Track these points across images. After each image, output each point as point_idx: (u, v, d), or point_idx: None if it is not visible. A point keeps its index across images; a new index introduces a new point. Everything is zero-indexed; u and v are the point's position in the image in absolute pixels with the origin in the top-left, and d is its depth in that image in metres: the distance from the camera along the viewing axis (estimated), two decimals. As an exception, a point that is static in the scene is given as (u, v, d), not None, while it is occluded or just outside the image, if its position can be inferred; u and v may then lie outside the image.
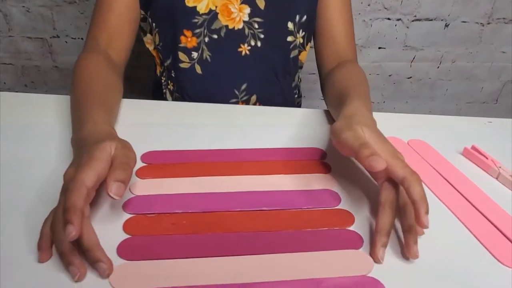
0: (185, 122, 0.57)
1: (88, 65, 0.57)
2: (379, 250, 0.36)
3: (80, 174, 0.34)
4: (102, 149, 0.37)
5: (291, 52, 0.71)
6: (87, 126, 0.43)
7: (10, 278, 0.33)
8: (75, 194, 0.33)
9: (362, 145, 0.39)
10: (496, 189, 0.48)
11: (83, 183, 0.34)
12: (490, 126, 0.62)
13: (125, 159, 0.38)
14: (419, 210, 0.36)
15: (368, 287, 0.33)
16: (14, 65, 1.25)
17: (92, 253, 0.33)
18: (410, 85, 1.35)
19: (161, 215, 0.40)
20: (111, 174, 0.36)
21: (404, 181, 0.37)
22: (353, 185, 0.46)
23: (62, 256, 0.34)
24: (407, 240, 0.37)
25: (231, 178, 0.46)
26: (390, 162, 0.38)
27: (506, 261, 0.37)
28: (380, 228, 0.37)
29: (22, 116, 0.56)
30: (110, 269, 0.33)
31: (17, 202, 0.40)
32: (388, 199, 0.38)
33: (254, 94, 0.71)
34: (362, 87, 0.56)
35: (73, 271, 0.33)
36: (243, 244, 0.37)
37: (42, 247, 0.35)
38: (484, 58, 1.30)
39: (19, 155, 0.48)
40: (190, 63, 0.67)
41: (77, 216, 0.32)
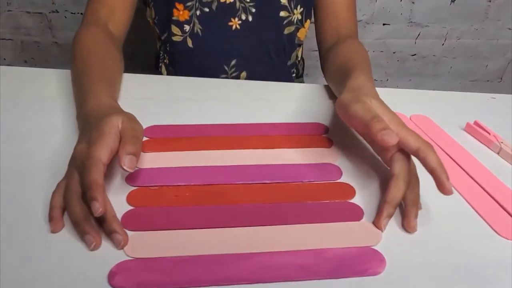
0: (186, 96, 0.57)
1: (87, 39, 0.56)
2: (383, 220, 0.36)
3: (95, 152, 0.35)
4: (110, 123, 0.38)
5: (285, 28, 0.69)
6: (90, 101, 0.44)
7: (23, 250, 0.33)
8: (94, 172, 0.34)
9: (373, 117, 0.38)
10: (498, 164, 0.48)
11: (100, 160, 0.35)
12: (493, 102, 0.62)
13: (133, 131, 0.38)
14: (441, 177, 0.36)
15: (368, 258, 0.34)
16: (14, 41, 1.23)
17: (109, 224, 0.34)
18: (414, 63, 1.33)
19: (163, 187, 0.40)
20: (122, 148, 0.36)
21: (419, 151, 0.37)
22: (354, 159, 0.46)
23: (77, 225, 0.34)
24: (408, 214, 0.37)
25: (233, 152, 0.46)
26: (402, 133, 0.37)
27: (506, 234, 0.38)
28: (390, 199, 0.37)
29: (24, 90, 0.56)
30: (125, 240, 0.34)
31: (21, 173, 0.41)
32: (402, 170, 0.37)
33: (244, 71, 0.70)
34: (365, 63, 0.56)
35: (89, 240, 0.33)
36: (245, 216, 0.38)
37: (54, 218, 0.35)
38: (489, 35, 1.27)
39: (22, 128, 0.48)
40: (182, 37, 0.67)
41: (100, 192, 0.33)
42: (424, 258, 0.35)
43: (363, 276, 0.33)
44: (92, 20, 0.60)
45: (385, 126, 0.37)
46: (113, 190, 0.39)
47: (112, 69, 0.53)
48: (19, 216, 0.36)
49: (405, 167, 0.38)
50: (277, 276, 0.32)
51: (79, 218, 0.34)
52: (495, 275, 0.34)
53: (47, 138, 0.46)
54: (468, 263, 0.34)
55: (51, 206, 0.36)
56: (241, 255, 0.34)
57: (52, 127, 0.48)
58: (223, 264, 0.33)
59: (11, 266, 0.32)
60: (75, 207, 0.35)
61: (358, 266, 0.33)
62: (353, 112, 0.40)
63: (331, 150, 0.48)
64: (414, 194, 0.38)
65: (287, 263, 0.33)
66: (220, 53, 0.68)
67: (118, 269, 0.31)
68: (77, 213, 0.34)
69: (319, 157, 0.46)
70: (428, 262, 0.34)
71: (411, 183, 0.38)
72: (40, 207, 0.37)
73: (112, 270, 0.31)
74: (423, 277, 0.33)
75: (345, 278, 0.32)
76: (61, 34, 1.22)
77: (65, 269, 0.32)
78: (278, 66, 0.73)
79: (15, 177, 0.40)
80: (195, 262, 0.33)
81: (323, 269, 0.33)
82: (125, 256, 0.33)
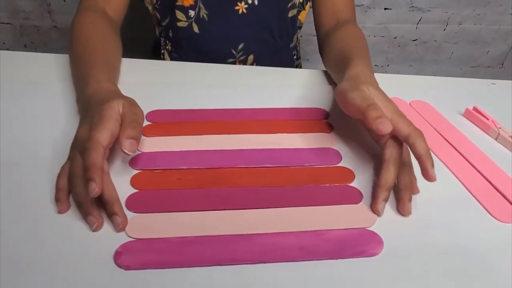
0: (187, 82, 0.57)
1: (85, 24, 0.56)
2: (379, 204, 0.38)
3: (96, 134, 0.36)
4: (111, 108, 0.38)
5: (289, 11, 0.69)
6: (90, 86, 0.44)
7: (31, 231, 0.34)
8: (93, 153, 0.35)
9: (369, 105, 0.39)
10: (495, 149, 0.49)
11: (99, 142, 0.35)
12: (493, 87, 0.62)
13: (134, 116, 0.39)
14: (426, 164, 0.37)
15: (366, 239, 0.35)
16: (13, 25, 1.23)
17: (110, 206, 0.35)
18: (415, 48, 1.32)
19: (166, 170, 0.41)
20: (123, 132, 0.37)
21: (408, 137, 0.38)
22: (354, 144, 0.47)
23: (81, 207, 0.36)
24: (402, 198, 0.38)
25: (235, 136, 0.47)
26: (395, 120, 0.39)
27: (502, 218, 0.39)
28: (383, 183, 0.38)
29: (23, 74, 0.56)
30: (124, 223, 0.35)
31: (22, 157, 0.42)
32: (392, 156, 0.39)
33: (251, 54, 0.70)
34: (363, 49, 0.56)
35: (91, 221, 0.34)
36: (246, 198, 0.38)
37: (60, 199, 0.36)
38: (491, 20, 1.27)
39: (22, 113, 0.48)
40: (187, 22, 0.66)
41: (98, 173, 0.34)
42: (421, 240, 0.36)
43: (361, 257, 0.34)
44: (89, 4, 0.60)
45: (381, 115, 0.38)
46: (117, 173, 0.40)
47: (111, 53, 0.54)
48: (25, 200, 0.37)
49: (396, 152, 0.39)
50: (278, 256, 0.33)
51: (82, 200, 0.35)
52: (491, 258, 0.35)
53: (48, 122, 0.47)
54: (465, 246, 0.35)
55: (56, 188, 0.37)
56: (242, 236, 0.35)
57: (53, 111, 0.49)
58: (225, 244, 0.34)
59: (19, 247, 0.32)
60: (79, 189, 0.35)
61: (356, 248, 0.34)
62: (350, 99, 0.41)
63: (331, 135, 0.48)
64: (407, 178, 0.39)
65: (288, 244, 0.34)
66: (228, 37, 0.68)
67: (123, 249, 0.32)
68: (80, 195, 0.35)
69: (319, 142, 0.47)
70: (425, 245, 0.35)
71: (404, 168, 0.39)
72: (42, 190, 0.38)
73: (117, 250, 0.32)
74: (420, 259, 0.34)
75: (344, 259, 0.33)
76: (61, 18, 1.21)
77: (72, 249, 0.33)
78: (281, 49, 0.74)
79: (16, 160, 0.41)
80: (198, 243, 0.34)
81: (323, 250, 0.34)
82: (130, 237, 0.34)
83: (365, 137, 0.47)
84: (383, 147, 0.40)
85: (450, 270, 0.33)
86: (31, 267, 0.31)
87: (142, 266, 0.31)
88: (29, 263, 0.31)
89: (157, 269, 0.31)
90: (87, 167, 0.34)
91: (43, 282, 0.30)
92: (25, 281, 0.30)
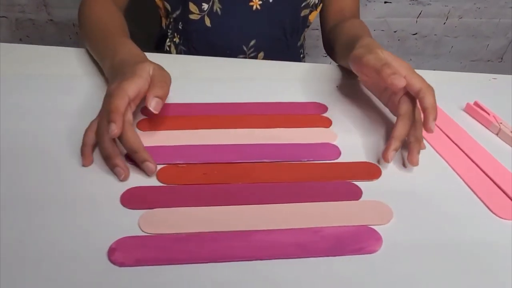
0: (191, 75, 0.57)
1: (95, 6, 0.59)
2: (390, 152, 0.41)
3: (123, 85, 0.39)
4: (143, 68, 0.41)
5: (302, 10, 0.69)
6: (121, 51, 0.47)
7: (26, 226, 0.34)
8: (118, 99, 0.37)
9: (384, 64, 0.41)
10: (496, 145, 0.48)
11: (125, 91, 0.38)
12: (494, 82, 0.62)
13: (162, 78, 0.42)
14: (429, 116, 0.40)
15: (365, 236, 0.34)
16: (8, 18, 1.21)
17: (139, 154, 0.38)
18: (415, 42, 1.31)
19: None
20: (150, 91, 0.40)
21: (419, 92, 0.41)
22: (353, 138, 0.46)
23: (108, 160, 0.38)
24: (412, 149, 0.42)
25: (235, 130, 0.46)
26: (408, 76, 0.41)
27: (503, 214, 0.38)
28: (397, 135, 0.41)
29: (20, 68, 0.55)
30: (155, 168, 0.38)
31: (22, 149, 0.41)
32: (407, 111, 0.42)
33: (262, 51, 0.70)
34: (370, 34, 0.58)
35: (118, 172, 0.38)
36: (243, 195, 0.38)
37: (84, 154, 0.39)
38: (492, 14, 1.26)
39: (20, 105, 0.48)
40: (200, 15, 0.65)
41: (119, 117, 0.36)
42: (420, 237, 0.35)
43: (360, 254, 0.33)
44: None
45: (395, 71, 0.40)
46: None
47: (125, 27, 0.56)
48: (20, 195, 0.36)
49: (411, 108, 0.42)
50: (275, 253, 0.32)
51: (109, 153, 0.38)
52: (491, 255, 0.34)
53: (48, 115, 0.46)
54: (464, 243, 0.35)
55: (83, 142, 0.40)
56: (239, 233, 0.34)
57: (53, 104, 0.48)
58: (221, 241, 0.33)
59: (13, 243, 0.32)
60: (106, 143, 0.38)
61: (355, 244, 0.34)
62: (366, 61, 0.44)
63: (330, 130, 0.48)
64: (417, 132, 0.42)
65: (285, 241, 0.33)
66: (240, 33, 0.68)
67: (117, 245, 0.32)
68: (107, 148, 0.38)
69: (319, 136, 0.46)
70: (424, 242, 0.35)
71: (415, 123, 0.43)
72: (40, 184, 0.37)
73: (111, 246, 0.32)
74: (419, 256, 0.33)
75: (342, 256, 0.33)
76: (57, 12, 1.19)
77: (66, 246, 0.32)
78: (291, 47, 0.74)
79: (15, 153, 0.40)
80: (193, 240, 0.33)
81: (321, 247, 0.33)
82: (124, 233, 0.33)
83: (364, 131, 0.47)
84: (396, 105, 0.43)
85: (449, 267, 0.33)
86: (25, 263, 0.30)
87: (136, 263, 0.31)
88: (23, 260, 0.31)
89: (151, 266, 0.31)
90: (110, 110, 0.36)
91: (37, 278, 0.29)
92: (19, 277, 0.29)
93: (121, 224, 0.34)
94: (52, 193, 0.36)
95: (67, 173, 0.39)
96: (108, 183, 0.38)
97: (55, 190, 0.37)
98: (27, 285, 0.29)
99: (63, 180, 0.38)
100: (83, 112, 0.47)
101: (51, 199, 0.36)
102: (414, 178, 0.41)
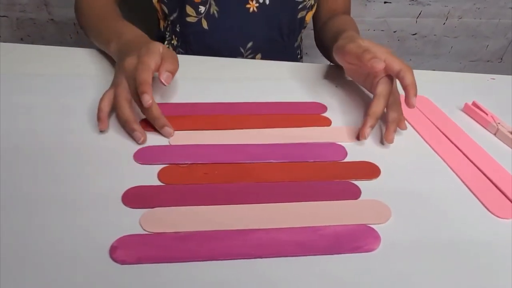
0: (189, 75, 0.57)
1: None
2: (367, 129, 0.44)
3: (145, 60, 0.43)
4: (156, 46, 0.46)
5: (299, 12, 0.70)
6: (127, 32, 0.52)
7: (27, 225, 0.34)
8: (144, 72, 0.42)
9: (364, 51, 0.45)
10: (494, 145, 0.48)
11: (149, 66, 0.43)
12: (492, 82, 0.62)
13: (172, 55, 0.47)
14: (410, 92, 0.43)
15: (363, 235, 0.35)
16: (9, 18, 1.21)
17: (159, 120, 0.43)
18: (415, 42, 1.32)
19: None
20: (163, 66, 0.45)
21: (399, 72, 0.44)
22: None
23: (126, 125, 0.43)
24: (389, 128, 0.45)
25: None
26: (388, 59, 0.45)
27: (500, 213, 0.38)
28: (372, 112, 0.44)
29: (21, 67, 0.56)
30: (173, 133, 0.44)
31: (23, 147, 0.41)
32: (383, 90, 0.45)
33: (259, 53, 0.70)
34: (356, 28, 0.62)
35: (137, 136, 0.42)
36: (244, 194, 0.38)
37: (101, 119, 0.43)
38: (491, 14, 1.26)
39: (20, 105, 0.48)
40: (197, 18, 0.66)
41: (149, 88, 0.41)
42: (418, 236, 0.35)
43: (358, 253, 0.33)
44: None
45: (374, 56, 0.44)
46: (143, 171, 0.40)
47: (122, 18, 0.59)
48: (21, 193, 0.37)
49: (387, 88, 0.45)
50: (274, 252, 0.33)
51: (128, 118, 0.42)
52: (489, 254, 0.34)
53: (48, 115, 0.46)
54: (463, 242, 0.35)
55: (99, 108, 0.43)
56: (239, 231, 0.34)
57: (52, 104, 0.48)
58: (221, 240, 0.33)
59: (15, 242, 0.32)
60: (124, 109, 0.43)
61: (353, 243, 0.34)
62: (348, 50, 0.48)
63: (331, 129, 0.48)
64: (394, 114, 0.45)
65: (284, 239, 0.34)
66: (237, 35, 0.68)
67: (119, 244, 0.32)
68: (126, 114, 0.42)
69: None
70: (422, 241, 0.35)
71: (393, 105, 0.46)
72: (41, 183, 0.37)
73: (113, 244, 0.32)
74: (417, 255, 0.34)
75: (341, 254, 0.33)
76: (57, 11, 1.19)
77: (67, 244, 0.32)
78: (288, 48, 0.75)
79: (16, 152, 0.41)
80: (193, 238, 0.33)
81: (319, 246, 0.33)
82: (125, 232, 0.33)
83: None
84: (375, 86, 0.46)
85: (447, 266, 0.33)
86: (26, 261, 0.31)
87: (137, 260, 0.31)
88: (24, 258, 0.31)
89: (152, 263, 0.31)
90: (140, 83, 0.41)
91: (39, 276, 0.30)
92: (20, 275, 0.30)
93: (122, 223, 0.34)
94: (54, 192, 0.37)
95: (68, 173, 0.39)
96: (110, 183, 0.38)
97: (56, 190, 0.37)
98: (29, 284, 0.29)
99: (65, 180, 0.38)
100: (84, 111, 0.47)
101: (53, 199, 0.36)
102: (413, 178, 0.42)
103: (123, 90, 0.43)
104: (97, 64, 0.57)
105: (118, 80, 0.44)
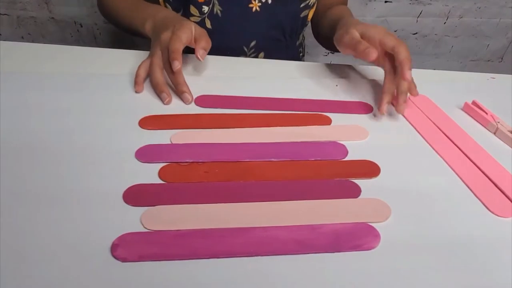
0: (192, 74, 0.57)
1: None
2: (384, 105, 0.49)
3: (179, 33, 0.50)
4: (188, 24, 0.52)
5: (302, 11, 0.70)
6: (161, 12, 0.58)
7: (29, 222, 0.34)
8: (177, 43, 0.49)
9: (357, 42, 0.50)
10: (494, 144, 0.48)
11: (181, 39, 0.49)
12: (492, 82, 0.62)
13: (204, 33, 0.53)
14: (404, 66, 0.47)
15: (363, 233, 0.35)
16: (10, 16, 1.21)
17: (181, 86, 0.50)
18: (415, 42, 1.32)
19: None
20: (198, 43, 0.51)
21: (394, 48, 0.48)
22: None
23: (157, 86, 0.50)
24: (398, 99, 0.49)
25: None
26: (383, 39, 0.49)
27: (499, 212, 0.39)
28: (386, 90, 0.50)
29: (22, 66, 0.56)
30: (191, 99, 0.50)
31: (22, 147, 0.41)
32: (390, 68, 0.50)
33: (262, 52, 0.71)
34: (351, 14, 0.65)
35: (164, 97, 0.50)
36: (244, 192, 0.38)
37: (137, 82, 0.51)
38: (492, 13, 1.26)
39: (22, 103, 0.48)
40: (200, 17, 0.66)
41: (179, 56, 0.48)
42: (418, 235, 0.36)
43: (358, 251, 0.34)
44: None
45: (367, 46, 0.48)
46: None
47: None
48: (23, 192, 0.37)
49: (391, 65, 0.50)
50: (274, 250, 0.33)
51: (158, 81, 0.50)
52: (489, 253, 0.35)
53: (49, 114, 0.46)
54: (462, 241, 0.35)
55: (137, 74, 0.52)
56: (239, 229, 0.35)
57: (53, 103, 0.48)
58: (221, 238, 0.34)
59: (16, 239, 0.32)
60: (157, 73, 0.50)
61: (353, 241, 0.34)
62: (344, 43, 0.52)
63: (331, 128, 0.48)
64: (402, 87, 0.49)
65: (284, 237, 0.34)
66: (240, 34, 0.69)
67: (120, 242, 0.32)
68: (157, 78, 0.50)
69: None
70: (422, 239, 0.35)
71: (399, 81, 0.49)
72: (42, 182, 0.38)
73: (114, 242, 0.32)
74: (417, 253, 0.34)
75: (340, 252, 0.33)
76: (58, 10, 1.19)
77: (69, 241, 0.32)
78: (290, 46, 0.75)
79: (17, 150, 0.41)
80: (194, 236, 0.34)
81: (319, 244, 0.34)
82: (127, 229, 0.34)
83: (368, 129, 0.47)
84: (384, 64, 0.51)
85: (447, 264, 0.33)
86: (28, 259, 0.31)
87: (138, 258, 0.31)
88: (25, 255, 0.31)
89: (153, 261, 0.31)
90: (172, 51, 0.48)
91: (40, 274, 0.30)
92: (22, 273, 0.30)
93: (123, 220, 0.35)
94: (55, 190, 0.37)
95: (70, 171, 0.39)
96: (111, 181, 0.38)
97: (58, 188, 0.37)
98: (30, 282, 0.30)
99: (66, 178, 0.38)
100: (85, 109, 0.47)
101: (54, 197, 0.36)
102: (412, 176, 0.42)
103: (157, 58, 0.51)
104: (98, 63, 0.57)
105: (154, 50, 0.52)
